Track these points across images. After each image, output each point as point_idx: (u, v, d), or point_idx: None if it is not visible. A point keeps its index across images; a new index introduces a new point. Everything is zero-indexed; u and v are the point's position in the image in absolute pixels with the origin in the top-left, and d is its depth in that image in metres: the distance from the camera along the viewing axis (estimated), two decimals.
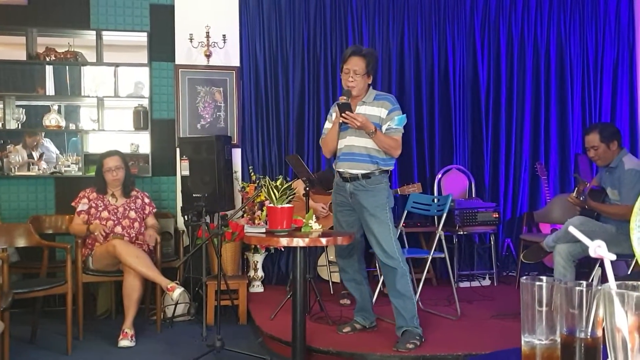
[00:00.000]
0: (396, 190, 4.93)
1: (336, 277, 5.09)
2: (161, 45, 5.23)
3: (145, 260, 4.01)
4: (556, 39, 5.84)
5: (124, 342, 3.87)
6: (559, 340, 1.00)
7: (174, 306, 4.37)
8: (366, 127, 3.38)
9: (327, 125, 3.70)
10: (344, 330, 3.78)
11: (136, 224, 4.35)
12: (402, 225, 4.63)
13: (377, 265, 4.82)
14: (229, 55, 5.28)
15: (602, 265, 1.02)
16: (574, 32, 5.87)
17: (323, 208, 4.83)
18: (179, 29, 5.20)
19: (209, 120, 5.26)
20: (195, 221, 4.38)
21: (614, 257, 0.78)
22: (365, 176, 3.52)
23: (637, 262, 1.00)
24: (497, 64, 5.78)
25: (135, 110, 5.21)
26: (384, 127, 3.48)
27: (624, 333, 0.74)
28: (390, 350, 3.41)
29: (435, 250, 4.35)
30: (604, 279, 1.11)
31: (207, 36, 5.13)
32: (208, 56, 5.16)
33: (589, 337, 0.96)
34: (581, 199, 3.98)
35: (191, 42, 5.13)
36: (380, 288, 4.50)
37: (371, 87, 3.61)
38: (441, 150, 5.71)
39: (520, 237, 5.37)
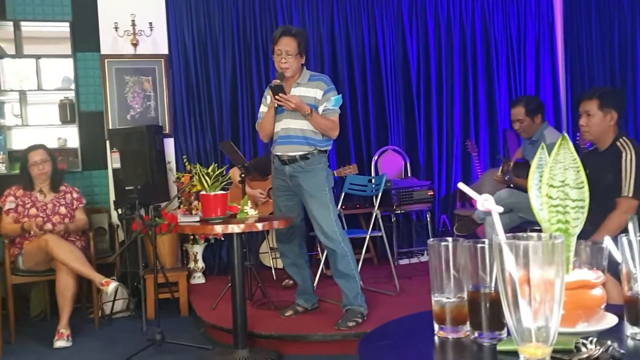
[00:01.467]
0: (333, 173, 4.96)
1: (278, 263, 5.09)
2: (85, 35, 5.05)
3: (79, 256, 3.89)
4: (481, 19, 6.00)
5: (60, 343, 3.76)
6: (466, 297, 1.04)
7: (112, 302, 4.27)
8: (301, 108, 3.37)
9: (263, 109, 3.66)
10: (286, 314, 3.80)
11: (67, 220, 4.22)
12: (341, 208, 4.68)
13: (317, 248, 4.86)
14: (157, 43, 5.16)
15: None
16: (497, 11, 6.05)
17: (261, 194, 4.80)
18: (103, 17, 5.03)
19: (138, 110, 5.14)
20: (129, 214, 4.29)
21: (501, 209, 0.81)
22: (303, 157, 3.50)
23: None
24: (425, 45, 5.89)
25: (61, 104, 5.03)
26: (320, 108, 3.47)
27: (514, 283, 0.77)
28: (333, 329, 3.45)
29: (373, 229, 4.42)
30: None
31: (133, 24, 4.99)
32: (135, 45, 5.03)
33: (492, 291, 1.00)
34: (506, 178, 4.14)
35: (116, 31, 4.98)
36: (322, 270, 4.54)
37: (305, 68, 3.59)
38: (376, 131, 5.78)
39: (455, 212, 5.53)
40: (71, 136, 5.11)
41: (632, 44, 5.51)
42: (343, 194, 4.66)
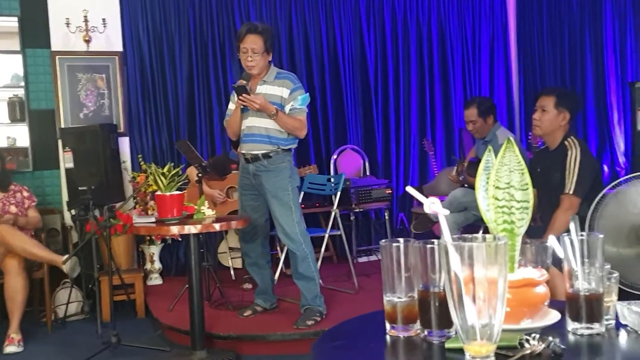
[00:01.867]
0: None
1: (237, 263, 5.08)
2: (34, 30, 4.91)
3: (33, 241, 3.83)
4: (437, 19, 6.10)
5: (10, 348, 3.65)
6: (416, 296, 1.07)
7: (65, 305, 4.18)
8: (266, 109, 3.32)
9: (231, 106, 3.62)
10: (244, 314, 3.78)
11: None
12: (301, 207, 4.68)
13: (277, 247, 4.86)
14: (110, 39, 5.06)
15: (486, 231, 1.09)
16: (453, 11, 6.16)
17: (220, 194, 4.77)
18: (54, 13, 4.90)
19: (92, 108, 5.03)
20: (83, 215, 4.20)
21: (447, 212, 0.83)
22: (266, 156, 3.46)
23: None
24: (383, 45, 5.95)
25: (10, 102, 4.89)
26: (287, 107, 3.42)
27: (460, 282, 0.80)
28: (291, 329, 3.46)
29: (332, 228, 4.45)
30: None
31: (85, 20, 4.88)
32: (87, 41, 4.92)
33: (441, 290, 1.03)
34: (460, 178, 4.23)
35: (68, 27, 4.86)
36: (281, 269, 4.54)
37: (272, 65, 3.55)
38: (335, 130, 5.81)
39: (412, 210, 5.61)
40: (21, 135, 4.97)
41: (581, 45, 5.69)
42: (302, 193, 4.66)
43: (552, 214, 2.99)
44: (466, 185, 4.20)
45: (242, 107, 3.44)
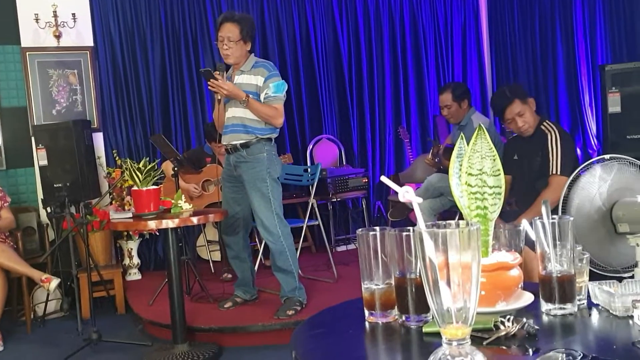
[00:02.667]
0: None
1: (216, 256, 5.08)
2: (3, 27, 4.81)
3: (11, 254, 3.76)
4: (409, 7, 6.13)
5: None
6: (394, 283, 1.09)
7: (44, 304, 4.14)
8: (235, 95, 3.31)
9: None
10: (225, 306, 3.78)
11: None
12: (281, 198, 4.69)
13: (256, 239, 4.86)
14: (81, 34, 4.98)
15: (462, 217, 1.11)
16: (425, 0, 6.19)
17: (195, 188, 4.75)
18: (22, 8, 4.80)
19: (64, 105, 4.95)
20: (59, 213, 4.16)
21: (420, 200, 0.85)
22: (244, 146, 3.44)
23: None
24: (356, 33, 5.96)
25: None
26: (262, 96, 3.41)
27: (435, 267, 0.82)
28: (272, 319, 3.47)
29: (310, 218, 4.46)
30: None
31: (55, 15, 4.80)
32: (58, 37, 4.84)
33: (417, 276, 1.05)
34: (436, 160, 4.27)
35: (37, 22, 4.77)
36: (260, 260, 4.55)
37: (252, 54, 3.52)
38: (310, 120, 5.82)
39: (389, 198, 5.65)
40: None
41: (552, 30, 5.76)
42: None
43: (531, 198, 3.06)
44: (442, 167, 4.23)
45: (221, 98, 3.42)
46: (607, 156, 2.73)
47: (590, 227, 2.62)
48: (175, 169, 4.16)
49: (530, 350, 0.96)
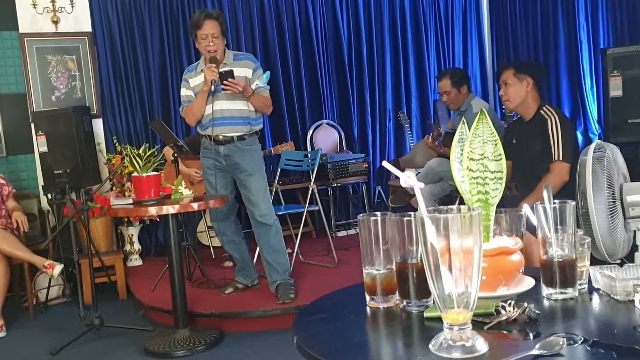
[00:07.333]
0: (270, 150, 4.96)
1: (217, 242, 5.07)
2: (0, 12, 4.78)
3: (13, 240, 3.78)
4: None
5: None
6: (395, 268, 1.09)
7: (47, 289, 4.16)
8: (247, 91, 3.43)
9: (187, 92, 3.62)
10: (226, 292, 3.80)
11: None
12: (278, 183, 4.70)
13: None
14: (80, 20, 4.95)
15: (462, 202, 1.11)
16: None
17: (197, 173, 4.74)
18: None
19: (64, 91, 4.94)
20: (59, 199, 4.16)
21: (422, 185, 0.85)
22: (240, 138, 3.56)
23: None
24: (356, 18, 5.91)
25: None
26: (252, 86, 3.50)
27: (436, 252, 0.82)
28: (273, 304, 3.49)
29: (310, 203, 4.47)
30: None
31: (53, 1, 4.77)
32: (56, 22, 4.81)
33: (418, 261, 1.05)
34: (435, 143, 4.25)
35: (35, 8, 4.74)
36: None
37: (226, 48, 3.61)
38: (310, 106, 5.80)
39: (389, 183, 5.64)
40: None
41: (553, 14, 5.71)
42: (279, 169, 4.67)
43: (531, 183, 3.05)
44: (441, 150, 4.23)
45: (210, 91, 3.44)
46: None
47: None
48: (175, 154, 4.15)
49: (531, 335, 0.96)
